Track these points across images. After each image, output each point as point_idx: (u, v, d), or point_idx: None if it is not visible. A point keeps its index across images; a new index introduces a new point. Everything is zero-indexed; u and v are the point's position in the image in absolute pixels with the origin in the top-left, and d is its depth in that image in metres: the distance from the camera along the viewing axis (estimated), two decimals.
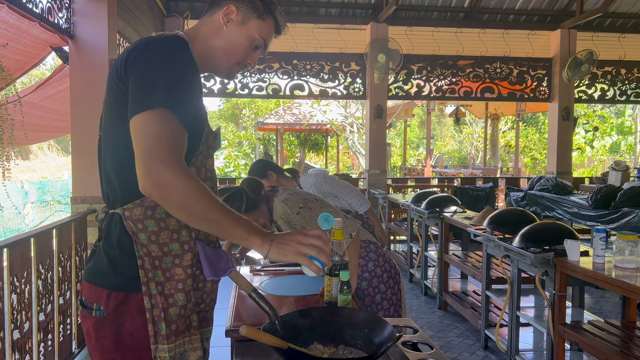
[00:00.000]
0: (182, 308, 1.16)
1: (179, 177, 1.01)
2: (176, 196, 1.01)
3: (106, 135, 1.20)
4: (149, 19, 5.66)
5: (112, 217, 1.17)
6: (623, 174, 7.28)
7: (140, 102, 1.05)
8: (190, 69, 1.14)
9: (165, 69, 1.08)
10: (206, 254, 1.20)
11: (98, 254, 1.19)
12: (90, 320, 1.16)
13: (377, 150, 7.01)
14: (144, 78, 1.07)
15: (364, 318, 1.31)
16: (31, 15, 3.21)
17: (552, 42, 7.33)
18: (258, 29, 1.27)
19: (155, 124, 1.04)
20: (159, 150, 1.02)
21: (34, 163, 18.16)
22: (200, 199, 1.02)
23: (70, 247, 3.24)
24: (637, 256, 2.41)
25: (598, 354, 2.40)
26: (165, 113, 1.05)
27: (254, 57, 1.31)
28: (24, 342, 2.54)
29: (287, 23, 1.35)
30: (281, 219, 2.14)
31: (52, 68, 10.08)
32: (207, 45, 1.26)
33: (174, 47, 1.13)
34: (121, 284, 1.14)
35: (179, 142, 1.06)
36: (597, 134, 15.38)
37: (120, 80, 1.11)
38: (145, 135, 1.03)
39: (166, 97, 1.05)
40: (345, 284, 1.53)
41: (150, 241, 1.14)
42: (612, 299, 4.58)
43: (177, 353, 1.15)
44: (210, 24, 1.27)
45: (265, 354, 1.32)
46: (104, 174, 1.21)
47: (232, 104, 20.43)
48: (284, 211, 2.08)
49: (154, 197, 1.03)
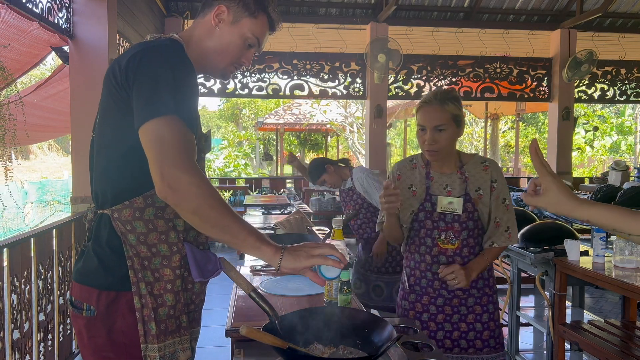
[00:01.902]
0: (172, 308, 1.17)
1: (193, 182, 1.02)
2: (190, 201, 1.02)
3: (99, 136, 1.20)
4: (149, 19, 5.66)
5: (101, 217, 1.18)
6: (623, 173, 7.29)
7: (149, 110, 1.06)
8: (189, 72, 1.15)
9: (168, 75, 1.08)
10: (194, 255, 1.21)
11: (87, 254, 1.19)
12: (81, 321, 1.17)
13: (377, 150, 7.01)
14: (148, 85, 1.08)
15: (364, 318, 1.31)
16: (31, 15, 3.21)
17: (552, 42, 7.33)
18: (250, 27, 1.26)
19: (166, 130, 1.05)
20: (172, 155, 1.03)
21: (34, 163, 18.17)
22: (213, 205, 1.03)
23: (70, 247, 3.25)
24: (637, 256, 2.41)
25: (598, 354, 2.40)
26: (175, 119, 1.06)
27: (249, 56, 1.30)
28: (24, 342, 2.54)
29: (281, 20, 1.34)
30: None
31: (52, 68, 10.09)
32: (201, 47, 1.26)
33: (173, 52, 1.14)
34: (112, 284, 1.15)
35: (191, 146, 1.08)
36: (597, 134, 15.39)
37: (121, 87, 1.12)
38: (159, 142, 1.04)
39: (173, 103, 1.06)
40: (345, 283, 1.53)
41: (139, 242, 1.15)
42: (612, 299, 4.58)
43: (167, 353, 1.16)
44: (203, 25, 1.26)
45: (266, 354, 1.33)
46: (95, 175, 1.21)
47: (232, 104, 20.43)
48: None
49: (169, 200, 1.05)
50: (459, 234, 1.79)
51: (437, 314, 1.85)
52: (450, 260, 1.81)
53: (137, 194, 1.15)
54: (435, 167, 1.85)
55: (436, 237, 1.81)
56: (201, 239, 1.27)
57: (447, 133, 1.73)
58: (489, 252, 1.81)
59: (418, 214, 1.84)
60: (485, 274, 1.89)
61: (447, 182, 1.82)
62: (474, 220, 1.79)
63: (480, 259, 1.80)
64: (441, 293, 1.84)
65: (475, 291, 1.86)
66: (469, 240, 1.80)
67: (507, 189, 1.81)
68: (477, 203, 1.79)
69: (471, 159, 1.83)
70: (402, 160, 1.97)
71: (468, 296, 1.84)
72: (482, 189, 1.79)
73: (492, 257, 1.82)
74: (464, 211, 1.77)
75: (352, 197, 3.15)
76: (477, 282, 1.86)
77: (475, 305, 1.85)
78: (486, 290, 1.89)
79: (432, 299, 1.85)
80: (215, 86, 6.87)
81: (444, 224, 1.80)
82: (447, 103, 1.73)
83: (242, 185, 7.96)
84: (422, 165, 1.88)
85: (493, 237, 1.80)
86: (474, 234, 1.81)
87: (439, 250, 1.82)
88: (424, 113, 1.75)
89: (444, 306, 1.84)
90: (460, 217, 1.78)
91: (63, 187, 11.18)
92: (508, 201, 1.81)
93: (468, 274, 1.75)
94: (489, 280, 1.91)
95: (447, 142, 1.75)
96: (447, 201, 1.79)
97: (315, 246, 1.11)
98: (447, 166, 1.83)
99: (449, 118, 1.73)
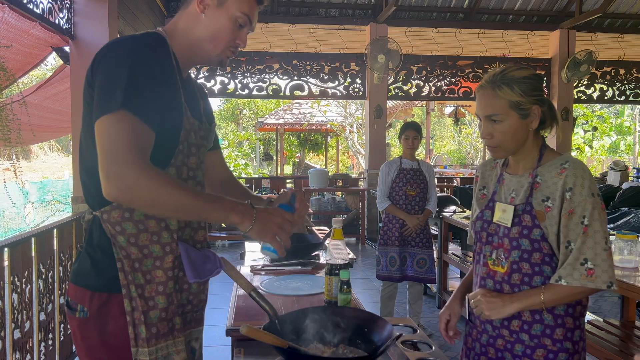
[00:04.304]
0: (163, 311, 1.15)
1: (141, 176, 0.98)
2: (142, 195, 0.99)
3: (81, 138, 1.18)
4: (149, 19, 5.67)
5: (94, 219, 1.17)
6: (622, 174, 7.31)
7: (101, 106, 1.03)
8: (158, 65, 1.10)
9: (125, 70, 1.04)
10: (189, 255, 1.18)
11: (82, 255, 1.18)
12: (75, 321, 1.16)
13: (376, 150, 7.02)
14: (104, 81, 1.05)
15: (363, 317, 1.32)
16: (32, 16, 3.22)
17: (551, 43, 7.34)
18: (238, 6, 1.20)
19: (113, 126, 1.01)
20: (117, 152, 0.99)
21: (34, 163, 18.16)
22: (168, 192, 1.00)
23: (71, 247, 3.25)
24: (635, 256, 2.42)
25: (597, 354, 2.41)
26: (125, 114, 1.02)
27: (242, 36, 1.24)
28: (25, 341, 2.54)
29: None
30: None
31: (52, 68, 10.09)
32: (189, 38, 1.21)
33: (138, 46, 1.10)
34: (103, 285, 1.13)
35: (141, 141, 1.03)
36: (596, 134, 15.40)
37: (90, 86, 1.10)
38: (105, 139, 1.01)
39: (124, 98, 1.02)
40: (345, 283, 1.53)
41: (130, 243, 1.13)
42: (611, 299, 4.59)
43: (159, 356, 1.13)
44: (188, 15, 1.21)
45: (266, 353, 1.33)
46: (82, 178, 1.20)
47: (232, 104, 20.43)
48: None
49: (120, 201, 1.02)
50: (509, 254, 1.37)
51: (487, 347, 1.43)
52: (497, 288, 1.39)
53: None
54: (511, 167, 1.47)
55: (487, 254, 1.44)
56: (198, 237, 1.24)
57: (504, 125, 1.35)
58: (550, 289, 1.30)
59: (475, 223, 1.50)
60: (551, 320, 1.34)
61: (514, 187, 1.43)
62: (531, 240, 1.34)
63: (532, 293, 1.32)
64: (486, 327, 1.43)
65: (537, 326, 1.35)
66: (522, 266, 1.35)
67: (590, 205, 1.28)
68: (542, 217, 1.33)
69: (552, 159, 1.38)
70: (487, 160, 1.60)
71: (521, 331, 1.36)
72: (552, 200, 1.33)
73: (555, 298, 1.30)
74: (516, 224, 1.36)
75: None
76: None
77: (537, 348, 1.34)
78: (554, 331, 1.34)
79: (479, 333, 1.46)
80: (216, 86, 6.88)
81: (497, 240, 1.41)
82: (501, 87, 1.34)
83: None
84: (500, 165, 1.52)
85: (562, 269, 1.29)
86: (530, 258, 1.34)
87: (487, 271, 1.43)
88: (477, 99, 1.41)
89: (487, 346, 1.43)
90: (510, 232, 1.37)
91: (64, 187, 11.18)
92: (589, 221, 1.28)
93: (498, 304, 1.34)
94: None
95: (505, 137, 1.36)
96: (502, 209, 1.42)
97: (282, 221, 1.12)
98: (523, 166, 1.43)
99: (505, 106, 1.34)
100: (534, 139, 1.40)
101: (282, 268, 2.26)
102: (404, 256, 3.62)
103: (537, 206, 1.34)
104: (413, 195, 3.59)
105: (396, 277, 3.60)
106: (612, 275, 1.27)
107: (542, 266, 1.34)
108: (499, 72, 1.36)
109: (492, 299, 1.35)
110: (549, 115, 1.39)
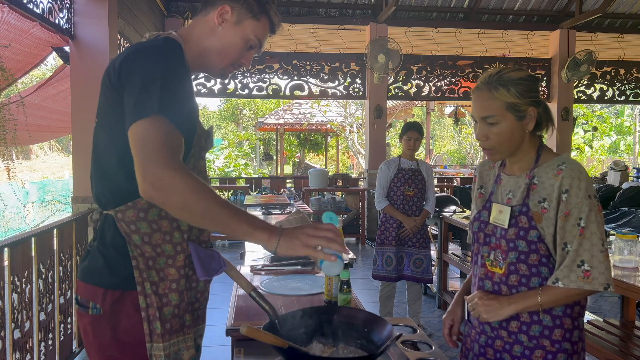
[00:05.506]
0: (176, 307, 1.18)
1: (176, 177, 1.00)
2: (175, 197, 1.00)
3: (97, 139, 1.21)
4: (150, 19, 5.67)
5: (106, 218, 1.18)
6: (622, 174, 7.31)
7: (136, 111, 1.05)
8: (181, 71, 1.14)
9: (157, 75, 1.08)
10: (198, 254, 1.22)
11: (93, 253, 1.20)
12: (87, 319, 1.17)
13: (376, 150, 7.02)
14: (137, 87, 1.07)
15: (363, 317, 1.32)
16: (32, 16, 3.22)
17: (551, 43, 7.34)
18: (253, 29, 1.25)
19: (150, 129, 1.04)
20: (154, 154, 1.02)
21: (34, 163, 18.17)
22: (200, 197, 1.01)
23: (71, 247, 3.25)
24: (635, 256, 2.42)
25: (597, 354, 2.41)
26: (160, 118, 1.05)
27: (249, 57, 1.29)
28: (25, 341, 2.54)
29: (281, 22, 1.33)
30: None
31: (52, 68, 10.10)
32: (201, 45, 1.25)
33: (164, 52, 1.13)
34: (117, 283, 1.15)
35: (176, 145, 1.07)
36: (596, 134, 15.40)
37: (114, 89, 1.12)
38: (142, 142, 1.04)
39: (158, 102, 1.05)
40: (345, 283, 1.54)
41: (144, 242, 1.16)
42: (611, 299, 4.59)
43: (171, 352, 1.16)
44: (205, 24, 1.25)
45: (266, 353, 1.33)
46: (95, 177, 1.22)
47: (233, 104, 20.43)
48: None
49: (154, 200, 1.03)
50: (506, 256, 1.37)
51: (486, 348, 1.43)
52: (495, 289, 1.39)
53: (138, 196, 1.13)
54: (508, 167, 1.46)
55: (485, 255, 1.43)
56: (203, 237, 1.27)
57: (500, 127, 1.34)
58: (547, 291, 1.31)
59: (473, 223, 1.50)
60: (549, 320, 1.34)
61: (511, 188, 1.42)
62: (528, 241, 1.33)
63: (529, 294, 1.32)
64: (484, 328, 1.42)
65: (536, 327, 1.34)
66: (520, 267, 1.35)
67: (587, 206, 1.28)
68: (539, 219, 1.33)
69: (549, 160, 1.37)
70: (485, 159, 1.59)
71: (519, 332, 1.36)
72: (548, 201, 1.32)
73: (553, 300, 1.30)
74: (513, 226, 1.36)
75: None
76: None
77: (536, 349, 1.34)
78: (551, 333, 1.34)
79: (477, 334, 1.45)
80: (216, 86, 6.88)
81: (494, 240, 1.41)
82: (497, 88, 1.33)
83: (242, 185, 7.96)
84: (498, 165, 1.52)
85: (558, 271, 1.29)
86: (527, 260, 1.34)
87: (485, 272, 1.43)
88: (473, 101, 1.39)
89: (486, 347, 1.42)
90: (507, 233, 1.37)
91: (64, 187, 11.18)
92: (586, 223, 1.28)
93: (495, 306, 1.34)
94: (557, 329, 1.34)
95: (501, 139, 1.35)
96: (498, 210, 1.42)
97: (313, 233, 1.07)
98: (520, 167, 1.42)
99: (501, 107, 1.33)
100: (530, 140, 1.39)
101: (282, 268, 2.26)
102: (400, 256, 3.63)
103: (534, 207, 1.34)
104: (411, 195, 3.59)
105: (392, 277, 3.60)
106: (608, 277, 1.27)
107: (539, 267, 1.33)
108: (494, 73, 1.35)
109: (489, 301, 1.35)
110: (545, 116, 1.38)
